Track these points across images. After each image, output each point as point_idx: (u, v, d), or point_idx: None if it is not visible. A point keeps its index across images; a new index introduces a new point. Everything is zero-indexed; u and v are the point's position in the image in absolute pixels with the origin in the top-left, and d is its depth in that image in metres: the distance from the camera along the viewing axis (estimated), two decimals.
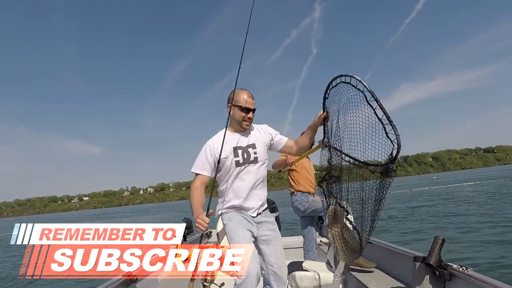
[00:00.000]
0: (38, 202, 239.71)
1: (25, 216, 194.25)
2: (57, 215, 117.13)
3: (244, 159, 1.93)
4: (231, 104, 1.94)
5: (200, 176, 1.90)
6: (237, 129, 1.99)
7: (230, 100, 1.95)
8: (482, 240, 7.34)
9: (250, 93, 1.97)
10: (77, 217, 58.12)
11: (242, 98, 1.92)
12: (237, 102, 1.92)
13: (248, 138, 2.00)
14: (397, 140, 1.36)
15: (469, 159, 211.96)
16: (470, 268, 1.71)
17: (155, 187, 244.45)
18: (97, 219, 39.12)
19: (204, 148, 1.94)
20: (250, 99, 1.94)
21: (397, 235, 9.23)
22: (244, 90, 1.97)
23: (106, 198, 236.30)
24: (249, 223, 1.89)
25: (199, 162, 1.93)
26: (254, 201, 1.95)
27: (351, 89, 1.56)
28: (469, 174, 67.90)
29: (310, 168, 3.58)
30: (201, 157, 1.93)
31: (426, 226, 10.43)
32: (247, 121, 1.95)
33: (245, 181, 1.92)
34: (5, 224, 59.22)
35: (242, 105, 1.91)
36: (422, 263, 1.90)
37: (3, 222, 78.80)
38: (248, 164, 1.93)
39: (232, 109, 1.94)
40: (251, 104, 1.94)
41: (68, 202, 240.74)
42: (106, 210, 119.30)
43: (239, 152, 1.93)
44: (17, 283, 7.25)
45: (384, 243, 2.63)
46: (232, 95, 1.95)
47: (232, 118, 1.96)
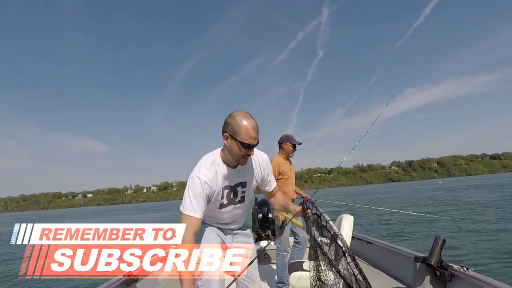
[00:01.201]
0: (43, 197, 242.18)
1: (30, 211, 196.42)
2: (61, 211, 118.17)
3: (229, 199, 1.69)
4: (228, 134, 1.50)
5: (195, 220, 1.50)
6: (231, 164, 1.61)
7: (229, 128, 1.50)
8: (482, 240, 7.28)
9: (255, 123, 1.50)
10: (80, 214, 58.58)
11: (245, 131, 1.46)
12: (237, 135, 1.47)
13: (240, 174, 1.67)
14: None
15: (475, 165, 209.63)
16: (471, 268, 1.69)
17: (158, 186, 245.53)
18: (99, 217, 39.36)
19: (198, 184, 1.52)
20: (254, 133, 1.49)
21: (397, 235, 9.19)
22: (248, 119, 1.49)
23: (109, 196, 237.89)
24: (221, 232, 1.83)
25: (194, 201, 1.51)
26: (232, 225, 1.86)
27: None
28: (474, 180, 67.23)
29: (292, 172, 3.42)
30: (196, 195, 1.51)
31: (427, 226, 10.36)
32: (247, 158, 1.57)
33: (225, 214, 1.75)
34: (12, 218, 59.96)
35: (244, 142, 1.47)
36: (422, 263, 1.89)
37: (9, 217, 79.81)
38: (233, 204, 1.72)
39: (229, 140, 1.52)
40: (254, 139, 1.50)
41: (72, 198, 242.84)
42: (109, 208, 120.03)
43: (225, 192, 1.65)
44: (17, 283, 7.27)
45: (384, 243, 2.62)
46: (232, 123, 1.49)
47: (228, 150, 1.55)
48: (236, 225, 1.88)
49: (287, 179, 3.30)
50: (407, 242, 8.28)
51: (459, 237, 7.90)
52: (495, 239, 7.46)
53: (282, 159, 3.32)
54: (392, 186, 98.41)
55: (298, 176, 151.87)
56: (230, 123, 1.49)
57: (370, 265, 2.78)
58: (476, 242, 7.15)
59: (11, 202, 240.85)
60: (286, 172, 3.29)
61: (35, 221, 8.79)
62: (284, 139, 3.36)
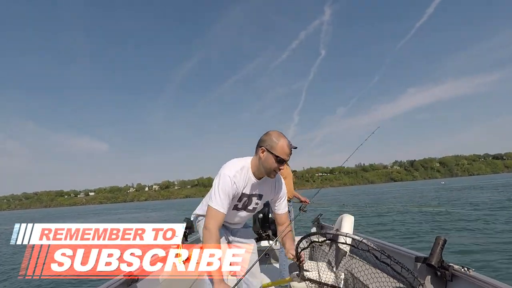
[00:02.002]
0: (45, 196, 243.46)
1: (33, 209, 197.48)
2: (64, 209, 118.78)
3: (244, 206, 1.86)
4: (265, 148, 1.69)
5: (221, 215, 1.65)
6: (259, 174, 1.77)
7: (266, 144, 1.70)
8: (483, 240, 7.25)
9: (289, 143, 1.71)
10: (81, 212, 58.84)
11: (281, 148, 1.66)
12: (274, 150, 1.66)
13: (260, 187, 1.84)
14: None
15: (477, 165, 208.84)
16: (472, 268, 1.68)
17: (160, 185, 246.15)
18: (100, 216, 39.51)
19: (228, 182, 1.68)
20: (288, 151, 1.68)
21: (398, 235, 9.17)
22: (283, 138, 1.69)
23: (111, 194, 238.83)
24: (224, 228, 1.99)
25: (223, 197, 1.66)
26: (236, 226, 2.07)
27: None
28: (478, 180, 66.96)
29: (288, 173, 3.65)
30: (225, 192, 1.66)
31: (427, 226, 10.33)
32: (276, 172, 1.74)
33: (235, 216, 1.93)
34: (15, 216, 60.38)
35: (279, 156, 1.66)
36: (423, 263, 1.88)
37: (12, 214, 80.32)
38: (245, 210, 1.90)
39: (265, 154, 1.69)
40: (287, 155, 1.69)
41: (74, 197, 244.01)
42: (111, 206, 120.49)
43: (243, 198, 1.81)
44: (17, 283, 7.27)
45: (385, 244, 2.61)
46: (269, 140, 1.70)
47: (263, 162, 1.71)
48: (240, 226, 2.09)
49: (284, 179, 3.46)
50: (410, 240, 8.26)
51: (461, 237, 7.87)
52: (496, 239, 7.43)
53: None
54: (394, 185, 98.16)
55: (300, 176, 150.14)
56: (268, 139, 1.70)
57: (371, 265, 2.77)
58: (477, 242, 7.12)
59: (14, 200, 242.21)
60: (282, 173, 3.44)
61: (37, 219, 8.87)
62: None
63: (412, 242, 8.16)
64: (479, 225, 9.68)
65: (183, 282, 2.63)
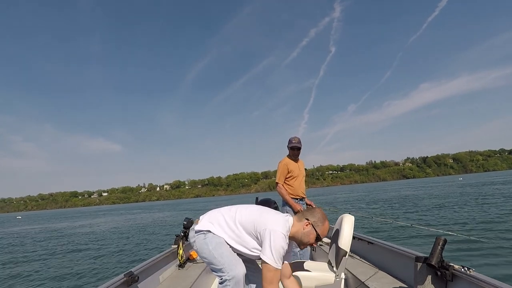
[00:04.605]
0: (60, 197, 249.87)
1: (48, 210, 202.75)
2: (78, 210, 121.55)
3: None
4: (311, 223, 1.81)
5: (280, 272, 1.74)
6: (293, 239, 1.85)
7: (313, 220, 1.82)
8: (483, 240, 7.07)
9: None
10: (96, 212, 60.05)
11: (323, 230, 1.80)
12: (318, 228, 1.81)
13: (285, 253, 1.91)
14: None
15: (493, 161, 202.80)
16: (472, 268, 1.67)
17: (171, 184, 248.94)
18: (113, 215, 40.27)
19: (285, 241, 1.71)
20: (327, 234, 1.86)
21: (398, 236, 9.05)
22: (328, 222, 1.86)
23: (124, 194, 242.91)
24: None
25: (282, 256, 1.71)
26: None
27: None
28: (496, 176, 65.12)
29: (300, 172, 3.72)
30: (282, 250, 1.70)
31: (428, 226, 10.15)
32: (308, 246, 1.88)
33: (254, 261, 2.03)
34: (32, 216, 62.14)
35: (320, 236, 1.81)
36: (423, 263, 1.86)
37: (30, 215, 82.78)
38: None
39: (309, 228, 1.81)
40: (324, 236, 1.86)
41: (88, 197, 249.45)
42: (124, 206, 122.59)
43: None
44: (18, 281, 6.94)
45: (385, 244, 2.59)
46: (317, 216, 1.83)
47: (303, 234, 1.80)
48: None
49: (295, 178, 3.67)
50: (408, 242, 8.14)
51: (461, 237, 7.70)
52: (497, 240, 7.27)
53: (290, 160, 3.70)
54: (406, 183, 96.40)
55: (309, 174, 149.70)
56: (315, 216, 1.80)
57: (371, 265, 2.75)
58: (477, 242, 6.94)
59: (30, 201, 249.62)
60: (294, 171, 3.65)
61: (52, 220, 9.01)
62: (288, 142, 3.72)
63: (412, 242, 8.05)
64: (482, 224, 9.46)
65: (183, 282, 2.67)
